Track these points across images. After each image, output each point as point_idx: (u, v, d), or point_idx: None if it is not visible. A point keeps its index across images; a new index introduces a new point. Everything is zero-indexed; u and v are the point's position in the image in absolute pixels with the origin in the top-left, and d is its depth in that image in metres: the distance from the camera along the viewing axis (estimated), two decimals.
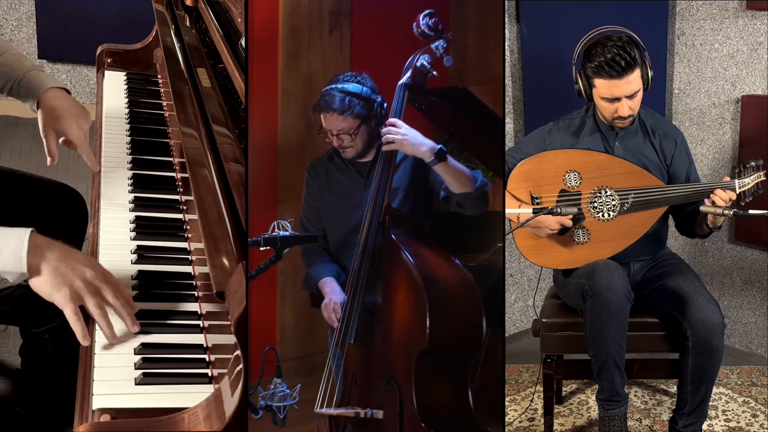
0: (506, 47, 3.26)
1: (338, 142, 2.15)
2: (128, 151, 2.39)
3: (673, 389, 2.84)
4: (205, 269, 1.53)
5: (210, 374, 1.54)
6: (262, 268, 1.84)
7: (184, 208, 2.09)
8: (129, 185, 2.20)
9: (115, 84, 2.84)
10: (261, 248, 1.86)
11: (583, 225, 2.40)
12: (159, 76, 2.91)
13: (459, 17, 3.10)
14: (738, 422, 2.80)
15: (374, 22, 3.14)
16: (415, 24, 2.03)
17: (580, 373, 2.71)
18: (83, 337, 1.58)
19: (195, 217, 1.69)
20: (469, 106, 2.28)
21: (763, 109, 3.04)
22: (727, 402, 2.92)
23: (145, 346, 1.59)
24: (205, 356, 1.60)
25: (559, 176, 2.41)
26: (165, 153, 2.38)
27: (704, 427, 2.52)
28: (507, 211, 2.39)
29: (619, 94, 2.32)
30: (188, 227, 1.99)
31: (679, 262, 2.54)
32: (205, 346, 1.62)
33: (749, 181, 2.25)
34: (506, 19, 3.21)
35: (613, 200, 2.38)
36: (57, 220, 2.37)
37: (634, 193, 2.37)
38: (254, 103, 3.01)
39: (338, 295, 2.14)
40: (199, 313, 1.72)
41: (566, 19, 3.14)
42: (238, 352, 1.36)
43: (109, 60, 2.95)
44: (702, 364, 2.35)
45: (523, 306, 3.51)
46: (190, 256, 1.90)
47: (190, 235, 1.96)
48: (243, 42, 2.06)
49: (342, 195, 2.23)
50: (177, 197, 2.15)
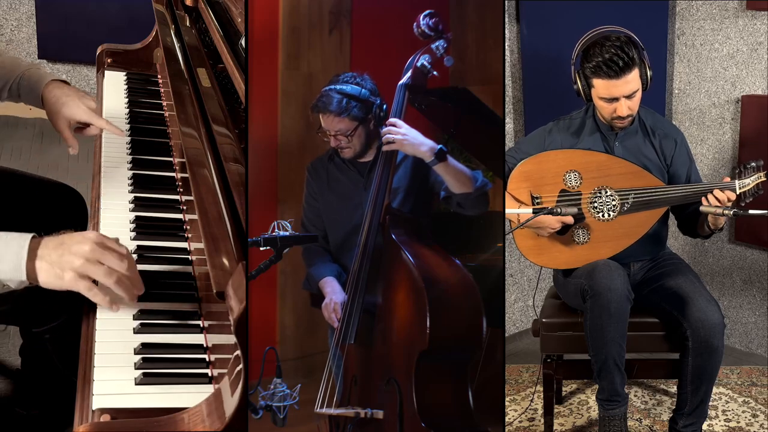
0: (506, 47, 3.26)
1: (335, 142, 2.16)
2: (128, 151, 2.39)
3: (673, 389, 2.84)
4: (205, 269, 1.53)
5: (210, 374, 1.54)
6: (262, 268, 1.84)
7: (184, 208, 2.09)
8: (129, 185, 2.20)
9: (115, 84, 2.84)
10: (261, 248, 1.86)
11: (583, 225, 2.40)
12: (159, 76, 2.91)
13: (459, 17, 3.10)
14: (738, 422, 2.80)
15: (374, 22, 3.14)
16: (415, 24, 2.03)
17: (580, 373, 2.71)
18: (109, 304, 1.57)
19: (195, 217, 1.69)
20: (469, 106, 2.28)
21: (763, 109, 3.04)
22: (727, 402, 2.92)
23: (145, 346, 1.59)
24: (205, 356, 1.60)
25: (559, 176, 2.41)
26: (165, 153, 2.38)
27: (704, 427, 2.52)
28: (507, 211, 2.39)
29: (618, 94, 2.32)
30: (188, 227, 1.99)
31: (679, 262, 2.54)
32: (205, 346, 1.62)
33: (749, 181, 2.25)
34: (506, 19, 3.21)
35: (613, 200, 2.38)
36: (57, 220, 2.36)
37: (635, 194, 2.37)
38: (254, 103, 3.01)
39: (339, 295, 2.14)
40: (199, 313, 1.72)
41: (566, 19, 3.14)
42: (238, 352, 1.36)
43: (109, 60, 2.95)
44: (702, 364, 2.35)
45: (523, 306, 3.51)
46: (190, 256, 1.90)
47: (190, 235, 1.96)
48: (243, 42, 2.06)
49: (342, 195, 2.23)
50: (177, 197, 2.15)
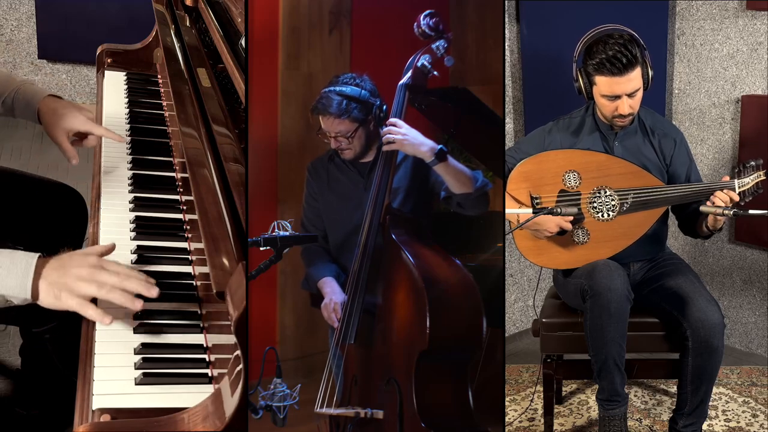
0: (506, 47, 3.26)
1: (336, 144, 2.16)
2: (128, 151, 2.39)
3: (673, 389, 2.84)
4: (205, 269, 1.53)
5: (210, 374, 1.54)
6: (262, 268, 1.84)
7: (184, 208, 2.09)
8: (129, 185, 2.20)
9: (115, 84, 2.84)
10: (261, 248, 1.85)
11: (582, 225, 2.40)
12: (159, 76, 2.91)
13: (459, 17, 3.10)
14: (738, 422, 2.80)
15: (374, 22, 3.14)
16: (415, 24, 2.03)
17: (580, 373, 2.71)
18: (101, 317, 1.58)
19: (195, 217, 1.69)
20: (469, 106, 2.28)
21: (763, 109, 3.04)
22: (727, 402, 2.92)
23: (145, 346, 1.60)
24: (205, 356, 1.60)
25: (558, 176, 2.41)
26: (165, 153, 2.38)
27: (704, 427, 2.52)
28: (507, 211, 2.39)
29: (620, 92, 2.32)
30: (188, 227, 1.99)
31: (679, 262, 2.54)
32: (205, 346, 1.62)
33: (749, 180, 2.25)
34: (506, 19, 3.21)
35: (612, 200, 2.38)
36: (57, 220, 2.37)
37: (634, 193, 2.37)
38: (254, 103, 3.01)
39: (338, 295, 2.14)
40: (199, 313, 1.72)
41: (566, 19, 3.14)
42: (238, 352, 1.36)
43: (109, 60, 2.95)
44: (702, 364, 2.35)
45: (523, 306, 3.51)
46: (190, 256, 1.90)
47: (190, 235, 1.96)
48: (243, 42, 2.05)
49: (342, 195, 2.23)
50: (177, 197, 2.15)
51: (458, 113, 2.28)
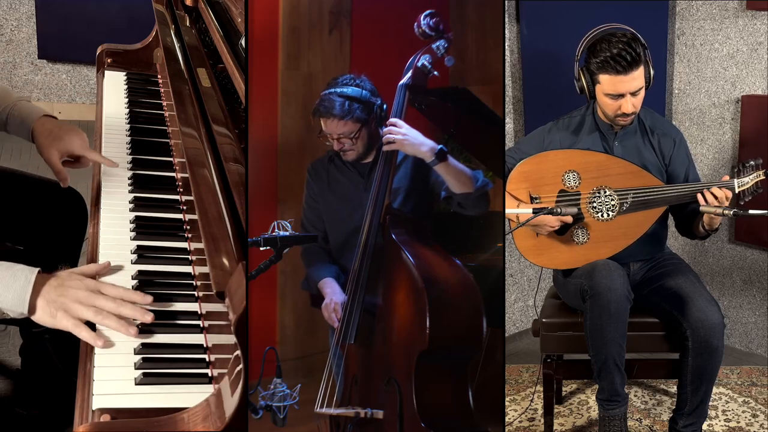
0: (506, 47, 3.26)
1: (339, 146, 2.15)
2: (128, 151, 2.39)
3: (673, 389, 2.84)
4: (205, 269, 1.53)
5: (210, 374, 1.54)
6: (262, 268, 1.84)
7: (184, 208, 2.09)
8: (129, 185, 2.20)
9: (115, 84, 2.84)
10: (261, 248, 1.86)
11: (582, 225, 2.40)
12: (159, 76, 2.91)
13: (459, 17, 3.10)
14: (738, 422, 2.80)
15: (374, 22, 3.14)
16: (416, 24, 2.03)
17: (580, 373, 2.71)
18: (93, 340, 1.60)
19: (195, 217, 1.69)
20: (469, 106, 2.28)
21: (763, 109, 3.04)
22: (727, 402, 2.92)
23: (145, 346, 1.59)
24: (205, 356, 1.60)
25: (558, 176, 2.41)
26: (165, 153, 2.38)
27: (704, 427, 2.52)
28: (507, 211, 2.39)
29: (624, 91, 2.32)
30: (188, 227, 1.99)
31: (679, 262, 2.54)
32: (205, 346, 1.62)
33: (748, 180, 2.25)
34: (506, 19, 3.21)
35: (612, 200, 2.38)
36: (57, 220, 2.37)
37: (633, 193, 2.37)
38: (254, 103, 3.01)
39: (339, 295, 2.14)
40: (199, 313, 1.71)
41: (566, 19, 3.15)
42: (238, 352, 1.36)
43: (109, 60, 2.95)
44: (702, 364, 2.35)
45: (523, 306, 3.51)
46: (190, 256, 1.90)
47: (190, 235, 1.96)
48: (243, 42, 2.05)
49: (343, 196, 2.23)
50: (177, 197, 2.15)
51: (458, 113, 2.28)
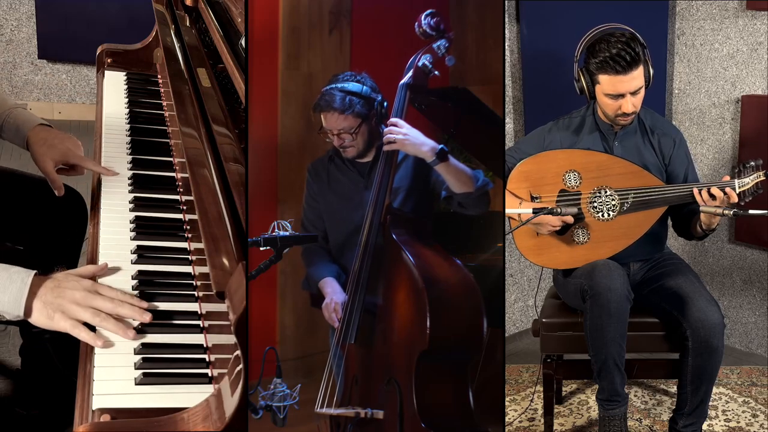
0: (506, 47, 3.26)
1: (339, 141, 2.15)
2: (128, 151, 2.38)
3: (673, 389, 2.84)
4: (205, 269, 1.53)
5: (210, 374, 1.54)
6: (262, 268, 1.84)
7: (184, 208, 2.09)
8: (129, 185, 2.20)
9: (115, 84, 2.84)
10: (261, 248, 1.85)
11: (583, 225, 2.40)
12: (159, 76, 2.91)
13: (459, 17, 3.10)
14: (738, 422, 2.80)
15: (374, 22, 3.13)
16: (417, 23, 2.03)
17: (580, 373, 2.71)
18: (93, 341, 1.59)
19: (195, 217, 1.69)
20: (469, 106, 2.28)
21: (763, 109, 3.04)
22: (727, 402, 2.92)
23: (145, 346, 1.59)
24: (205, 356, 1.60)
25: (559, 176, 2.41)
26: (165, 153, 2.38)
27: (704, 427, 2.52)
28: (507, 210, 2.39)
29: (623, 90, 2.32)
30: (188, 227, 1.99)
31: (679, 262, 2.54)
32: (205, 346, 1.62)
33: (749, 180, 2.25)
34: (506, 19, 3.21)
35: (612, 200, 2.38)
36: (57, 220, 2.37)
37: (634, 193, 2.37)
38: (254, 103, 3.00)
39: (339, 295, 2.13)
40: (199, 313, 1.71)
41: (566, 19, 3.14)
42: (238, 352, 1.36)
43: (109, 60, 2.95)
44: (702, 364, 2.35)
45: (523, 306, 3.51)
46: (190, 256, 1.90)
47: (190, 235, 1.96)
48: (243, 42, 2.05)
49: (343, 195, 2.23)
50: (177, 197, 2.15)
51: (458, 113, 2.28)
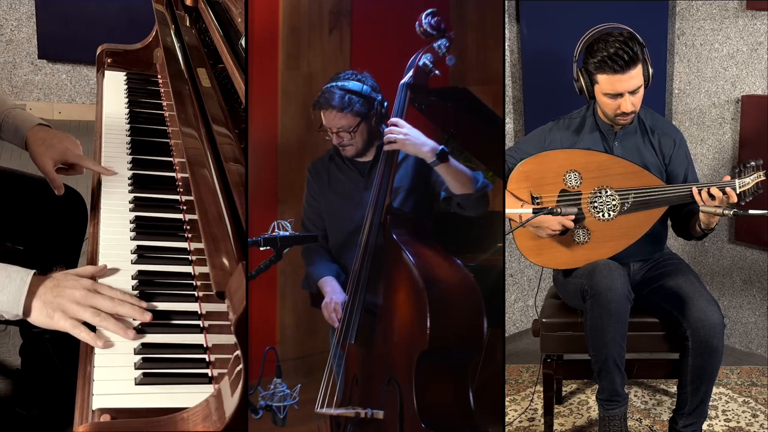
0: (506, 47, 3.26)
1: (338, 139, 2.15)
2: (128, 151, 2.38)
3: (673, 389, 2.84)
4: (205, 269, 1.53)
5: (210, 374, 1.54)
6: (262, 268, 1.83)
7: (184, 208, 2.09)
8: (129, 185, 2.20)
9: (115, 84, 2.84)
10: (261, 248, 1.85)
11: (583, 225, 2.40)
12: (159, 76, 2.91)
13: (459, 17, 3.10)
14: (738, 422, 2.80)
15: (374, 22, 3.13)
16: (417, 23, 2.03)
17: (580, 373, 2.71)
18: (93, 341, 1.59)
19: (195, 217, 1.69)
20: (469, 106, 2.28)
21: (763, 109, 3.04)
22: (727, 402, 2.92)
23: (145, 346, 1.59)
24: (205, 356, 1.60)
25: (559, 176, 2.41)
26: (165, 153, 2.38)
27: (704, 427, 2.52)
28: (507, 211, 2.39)
29: (622, 90, 2.32)
30: (188, 227, 1.99)
31: (679, 262, 2.54)
32: (205, 346, 1.62)
33: (749, 180, 2.24)
34: (506, 19, 3.21)
35: (613, 200, 2.38)
36: (57, 220, 2.37)
37: (635, 193, 2.37)
38: (254, 103, 3.00)
39: (339, 294, 2.13)
40: (199, 313, 1.71)
41: (566, 19, 3.14)
42: (238, 352, 1.36)
43: (109, 60, 2.95)
44: (702, 364, 2.35)
45: (523, 306, 3.51)
46: (190, 256, 1.90)
47: (190, 235, 1.96)
48: (243, 42, 2.05)
49: (343, 195, 2.23)
50: (177, 197, 2.15)
51: (458, 113, 2.28)
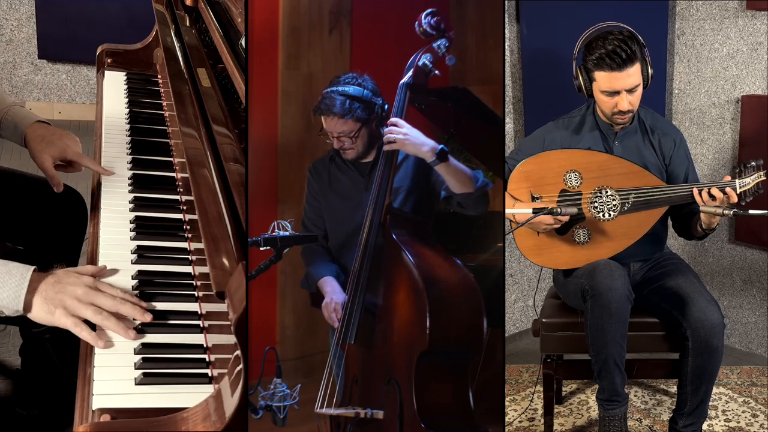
0: (506, 47, 3.26)
1: (339, 144, 2.15)
2: (128, 151, 2.39)
3: (673, 389, 2.84)
4: (205, 269, 1.53)
5: (210, 374, 1.54)
6: (262, 268, 1.84)
7: (184, 208, 2.09)
8: (129, 185, 2.20)
9: (115, 84, 2.84)
10: (261, 248, 1.85)
11: (583, 225, 2.40)
12: (159, 76, 2.91)
13: (459, 17, 3.10)
14: (738, 422, 2.80)
15: (374, 22, 3.14)
16: (417, 23, 2.03)
17: (580, 373, 2.71)
18: (94, 341, 1.59)
19: (195, 217, 1.69)
20: (469, 106, 2.28)
21: (763, 109, 3.04)
22: (727, 402, 2.92)
23: (145, 346, 1.59)
24: (205, 356, 1.60)
25: (559, 176, 2.41)
26: (165, 153, 2.38)
27: (704, 427, 2.52)
28: (507, 210, 2.39)
29: (619, 88, 2.32)
30: (188, 227, 1.99)
31: (679, 262, 2.54)
32: (205, 346, 1.62)
33: (750, 180, 2.24)
34: (506, 19, 3.21)
35: (613, 200, 2.38)
36: (57, 220, 2.37)
37: (635, 193, 2.37)
38: (254, 103, 3.01)
39: (339, 294, 2.13)
40: (199, 313, 1.71)
41: (566, 19, 3.14)
42: (238, 352, 1.36)
43: (109, 60, 2.95)
44: (702, 364, 2.35)
45: (523, 306, 3.51)
46: (190, 256, 1.90)
47: (190, 235, 1.96)
48: (243, 42, 2.05)
49: (343, 195, 2.23)
50: (177, 197, 2.15)
51: (458, 113, 2.28)
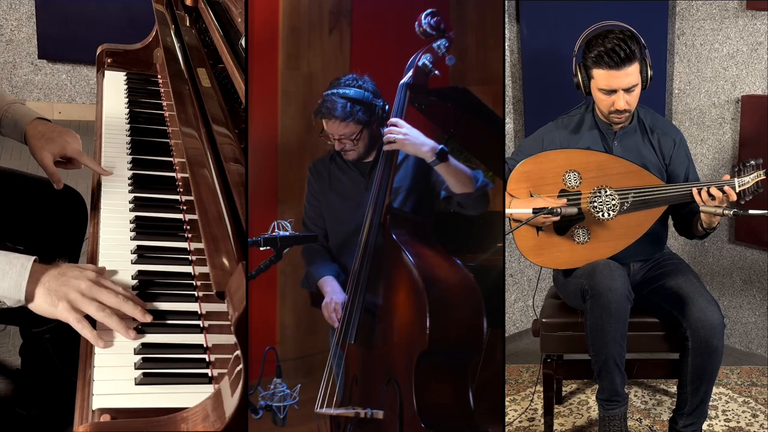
0: (506, 47, 3.26)
1: (340, 146, 2.15)
2: (128, 151, 2.39)
3: (673, 389, 2.84)
4: (205, 269, 1.53)
5: (210, 374, 1.54)
6: (262, 268, 1.84)
7: (184, 208, 2.09)
8: (129, 185, 2.20)
9: (115, 84, 2.84)
10: (261, 248, 1.85)
11: (583, 225, 2.40)
12: (159, 76, 2.91)
13: (459, 17, 3.10)
14: (738, 422, 2.80)
15: (374, 22, 3.14)
16: (417, 23, 2.03)
17: (580, 373, 2.71)
18: (95, 340, 1.59)
19: (195, 217, 1.69)
20: (469, 106, 2.28)
21: (763, 109, 3.04)
22: (727, 402, 2.92)
23: (145, 346, 1.59)
24: (205, 356, 1.60)
25: (559, 176, 2.41)
26: (165, 153, 2.38)
27: (704, 427, 2.52)
28: (507, 210, 2.39)
29: (617, 86, 2.32)
30: (188, 227, 1.99)
31: (679, 262, 2.54)
32: (205, 346, 1.62)
33: (749, 179, 2.24)
34: (506, 19, 3.21)
35: (613, 200, 2.38)
36: (57, 219, 2.37)
37: (634, 193, 2.37)
38: (254, 103, 3.01)
39: (339, 294, 2.14)
40: (199, 313, 1.71)
41: (566, 20, 3.14)
42: (238, 352, 1.36)
43: (109, 60, 2.95)
44: (702, 364, 2.35)
45: (523, 306, 3.51)
46: (190, 256, 1.90)
47: (190, 235, 1.96)
48: (243, 42, 2.05)
49: (344, 195, 2.23)
50: (177, 197, 2.15)
51: (458, 113, 2.28)
